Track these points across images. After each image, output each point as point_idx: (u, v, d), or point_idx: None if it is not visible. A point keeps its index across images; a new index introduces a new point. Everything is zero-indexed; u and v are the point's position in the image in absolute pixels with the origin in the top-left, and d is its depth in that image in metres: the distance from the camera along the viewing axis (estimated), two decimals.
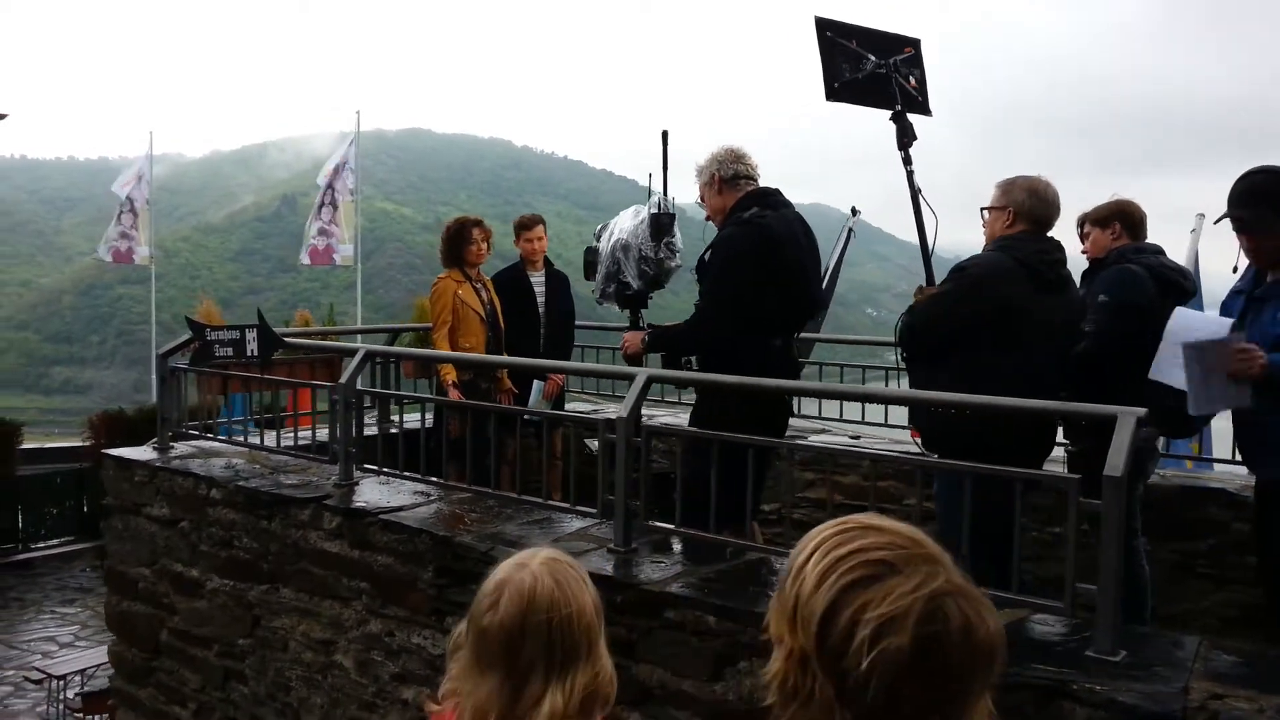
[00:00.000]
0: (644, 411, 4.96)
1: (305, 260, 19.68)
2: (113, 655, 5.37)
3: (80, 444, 19.89)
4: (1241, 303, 3.43)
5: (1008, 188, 3.73)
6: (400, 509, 4.08)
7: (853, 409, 6.19)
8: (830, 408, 6.34)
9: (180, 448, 5.26)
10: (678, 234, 4.66)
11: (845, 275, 9.34)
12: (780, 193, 4.26)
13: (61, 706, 11.18)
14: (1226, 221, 3.43)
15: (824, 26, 4.03)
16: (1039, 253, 3.56)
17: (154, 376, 19.81)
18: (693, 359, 4.15)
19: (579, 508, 3.84)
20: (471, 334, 5.82)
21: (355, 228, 19.93)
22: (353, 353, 4.72)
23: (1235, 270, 3.62)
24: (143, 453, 5.19)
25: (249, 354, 4.90)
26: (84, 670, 11.47)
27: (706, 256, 4.13)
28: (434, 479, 4.34)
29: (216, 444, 5.31)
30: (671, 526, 3.56)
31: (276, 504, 4.35)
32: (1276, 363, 3.12)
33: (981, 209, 3.80)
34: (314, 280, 72.01)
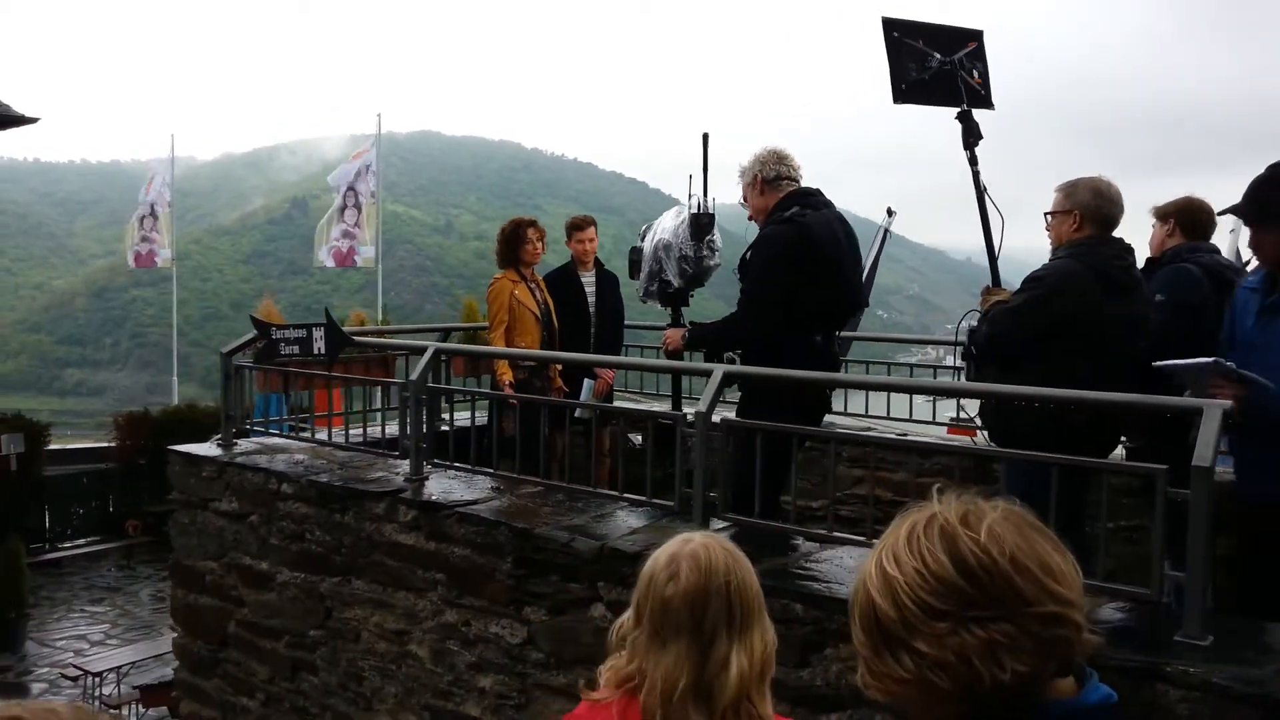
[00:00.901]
0: (684, 408, 5.11)
1: (329, 262, 19.75)
2: (177, 647, 5.48)
3: (105, 444, 20.08)
4: (1256, 304, 3.37)
5: (1070, 190, 3.76)
6: (474, 502, 4.17)
7: (898, 408, 6.27)
8: (875, 406, 6.43)
9: (244, 444, 5.36)
10: (717, 233, 4.79)
11: None
12: (821, 193, 4.36)
13: (97, 703, 11.31)
14: None
15: (891, 26, 4.08)
16: (1112, 258, 3.60)
17: (174, 378, 19.91)
18: (735, 355, 4.26)
19: (655, 500, 3.94)
20: (527, 333, 5.93)
21: (376, 230, 20.07)
22: (420, 351, 4.83)
23: (1246, 264, 3.68)
24: (208, 449, 5.30)
25: (316, 352, 5.00)
26: (119, 667, 11.61)
27: (748, 255, 4.25)
28: (505, 473, 4.44)
29: (280, 440, 5.42)
30: (750, 519, 3.65)
31: (350, 498, 4.45)
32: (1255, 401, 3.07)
33: (1045, 213, 3.84)
34: (325, 283, 72.27)
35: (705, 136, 4.72)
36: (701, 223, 4.67)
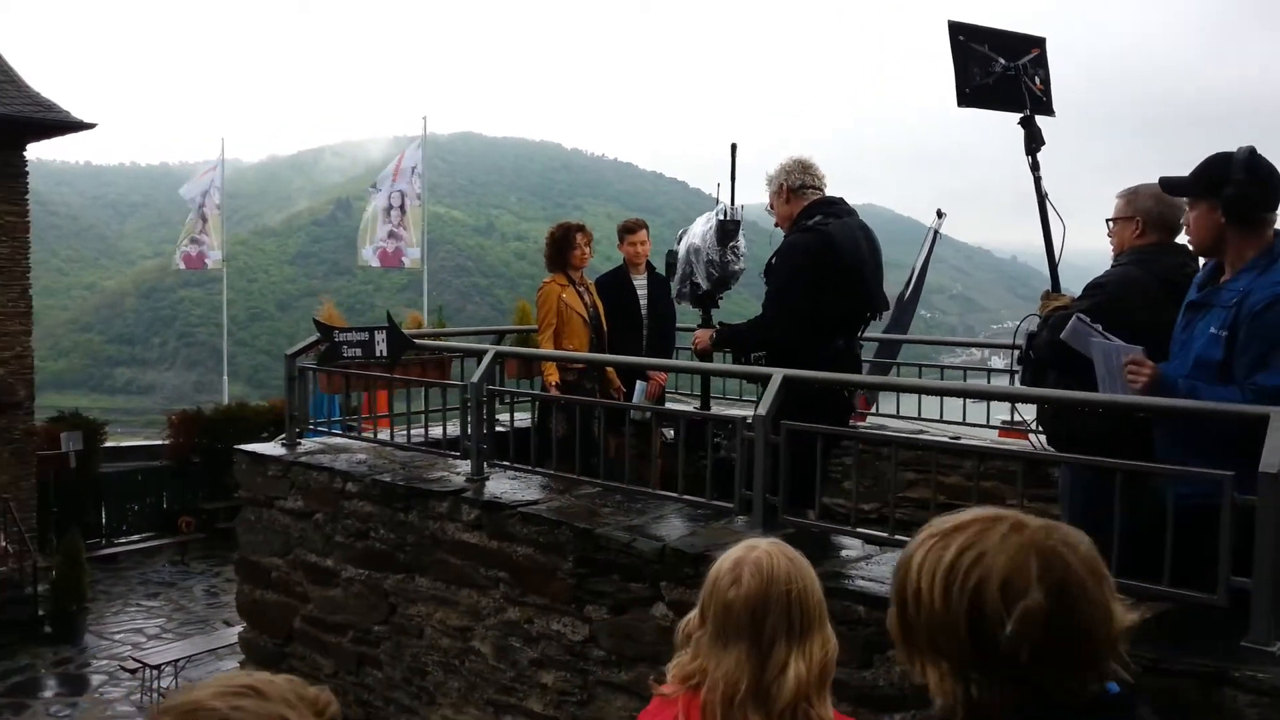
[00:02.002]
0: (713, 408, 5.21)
1: (374, 262, 20.01)
2: (243, 641, 5.63)
3: (158, 442, 20.54)
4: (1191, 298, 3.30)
5: (1132, 197, 3.74)
6: (536, 502, 4.27)
7: (950, 410, 6.28)
8: (922, 408, 6.44)
9: (307, 443, 5.50)
10: (742, 239, 5.01)
11: (900, 278, 9.44)
12: (844, 201, 4.56)
13: (156, 695, 11.60)
14: None
15: (957, 30, 4.09)
16: (1175, 265, 3.58)
17: (225, 377, 20.28)
18: (761, 356, 4.42)
19: (715, 502, 4.00)
20: (575, 336, 6.00)
21: (422, 231, 20.32)
22: (477, 353, 4.94)
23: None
24: (273, 448, 5.44)
25: (378, 354, 5.11)
26: (176, 660, 11.89)
27: (773, 261, 4.45)
28: (564, 474, 4.52)
29: (342, 439, 5.55)
30: (812, 522, 3.71)
31: (414, 497, 4.56)
32: (1168, 386, 3.04)
33: (1106, 220, 3.84)
34: (368, 283, 73.08)
35: (734, 147, 4.98)
36: (727, 229, 4.91)
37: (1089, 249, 4.56)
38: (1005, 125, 4.22)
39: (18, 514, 14.84)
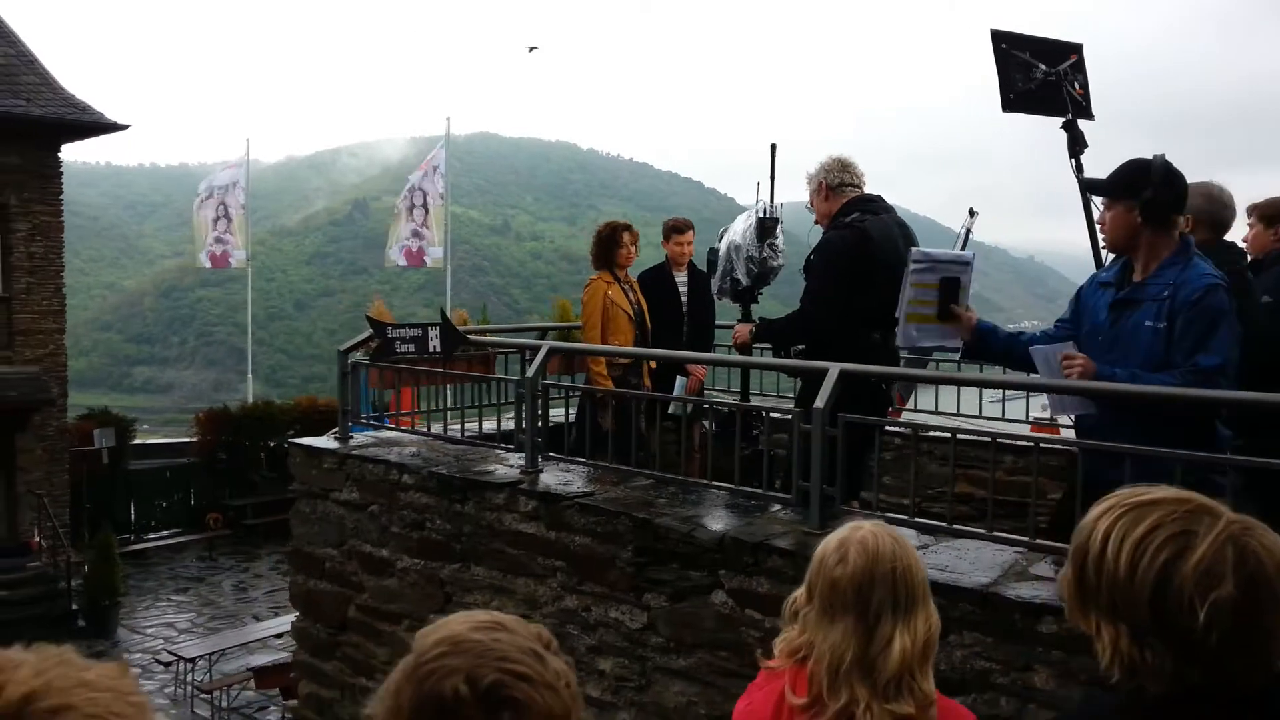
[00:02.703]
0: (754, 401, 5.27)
1: (401, 261, 20.22)
2: (296, 630, 5.75)
3: (186, 439, 20.77)
4: (1109, 297, 3.43)
5: None
6: (592, 493, 4.37)
7: (984, 405, 6.36)
8: (964, 405, 6.52)
9: (359, 437, 5.62)
10: (780, 236, 5.12)
11: None
12: (881, 199, 4.67)
13: (190, 688, 11.77)
14: None
15: (999, 39, 4.22)
16: (1226, 264, 3.65)
17: (249, 375, 20.41)
18: (801, 350, 4.56)
19: (770, 493, 4.10)
20: (620, 332, 6.10)
21: (445, 231, 20.48)
22: (527, 349, 5.05)
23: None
24: (327, 442, 5.56)
25: (431, 350, 5.23)
26: (210, 654, 12.06)
27: (812, 257, 4.60)
28: (619, 465, 4.62)
29: (393, 433, 5.66)
30: (870, 513, 3.80)
31: (471, 488, 4.67)
32: (1104, 375, 3.20)
33: None
34: (385, 283, 73.31)
35: (773, 147, 5.10)
36: (766, 226, 5.02)
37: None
38: (1021, 126, 4.29)
39: (51, 509, 15.07)
